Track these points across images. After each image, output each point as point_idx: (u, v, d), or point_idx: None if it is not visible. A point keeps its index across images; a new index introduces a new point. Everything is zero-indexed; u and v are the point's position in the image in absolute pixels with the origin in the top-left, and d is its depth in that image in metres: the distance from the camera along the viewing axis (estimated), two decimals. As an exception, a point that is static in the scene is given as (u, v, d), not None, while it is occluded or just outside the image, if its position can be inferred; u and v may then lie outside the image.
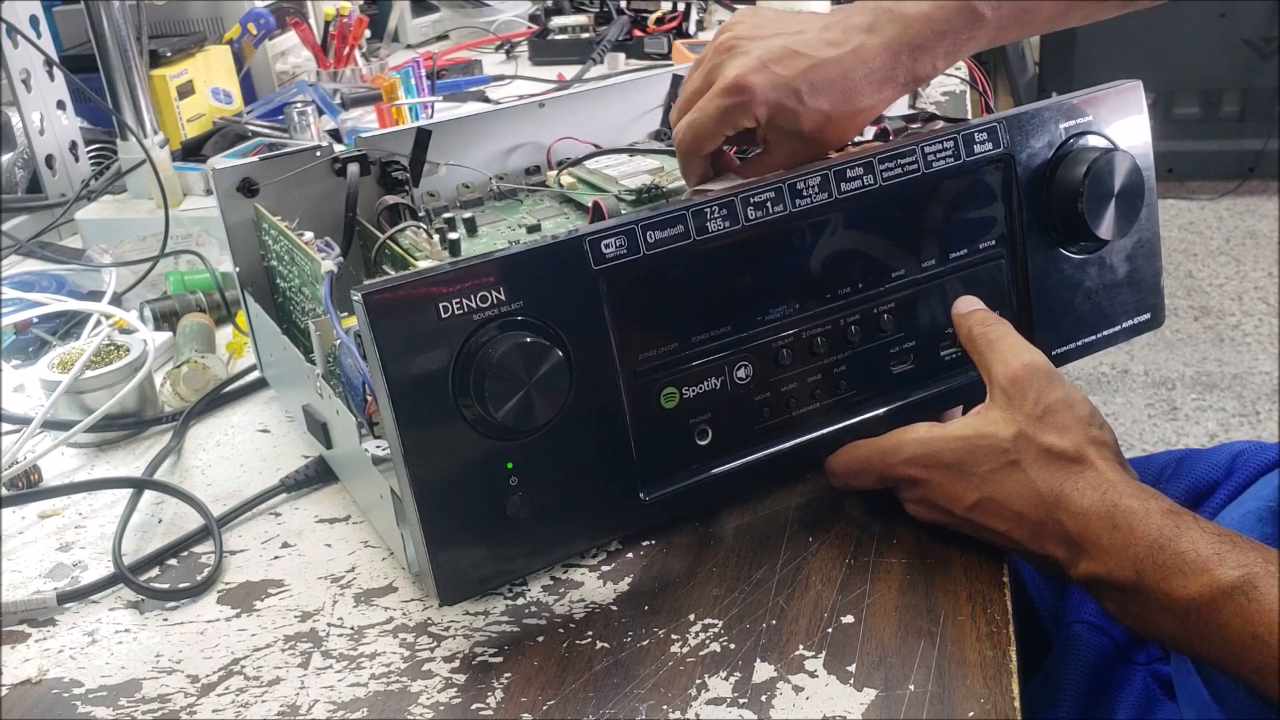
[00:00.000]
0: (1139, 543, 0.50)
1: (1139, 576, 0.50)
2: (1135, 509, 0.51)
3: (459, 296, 0.50)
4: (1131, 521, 0.51)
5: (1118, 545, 0.51)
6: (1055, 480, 0.53)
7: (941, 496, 0.56)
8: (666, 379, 0.56)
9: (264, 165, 0.71)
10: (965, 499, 0.55)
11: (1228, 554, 0.48)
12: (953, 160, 0.61)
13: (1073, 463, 0.53)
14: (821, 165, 0.58)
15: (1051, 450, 0.54)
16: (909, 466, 0.57)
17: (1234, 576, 0.47)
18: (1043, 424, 0.55)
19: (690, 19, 1.59)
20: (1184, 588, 0.48)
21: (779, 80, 0.57)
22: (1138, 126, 0.66)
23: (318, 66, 1.39)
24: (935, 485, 0.57)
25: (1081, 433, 0.55)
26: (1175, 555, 0.49)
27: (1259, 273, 2.76)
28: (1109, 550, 0.51)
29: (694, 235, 0.55)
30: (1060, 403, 0.55)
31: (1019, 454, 0.54)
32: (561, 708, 0.50)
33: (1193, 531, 0.50)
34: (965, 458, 0.55)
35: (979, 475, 0.55)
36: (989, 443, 0.55)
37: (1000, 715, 0.48)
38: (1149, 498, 0.52)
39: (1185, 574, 0.48)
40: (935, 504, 0.57)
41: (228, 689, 0.53)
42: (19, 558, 0.63)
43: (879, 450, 0.59)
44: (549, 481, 0.53)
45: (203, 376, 0.78)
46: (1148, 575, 0.50)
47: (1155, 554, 0.49)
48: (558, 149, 0.79)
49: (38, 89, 1.10)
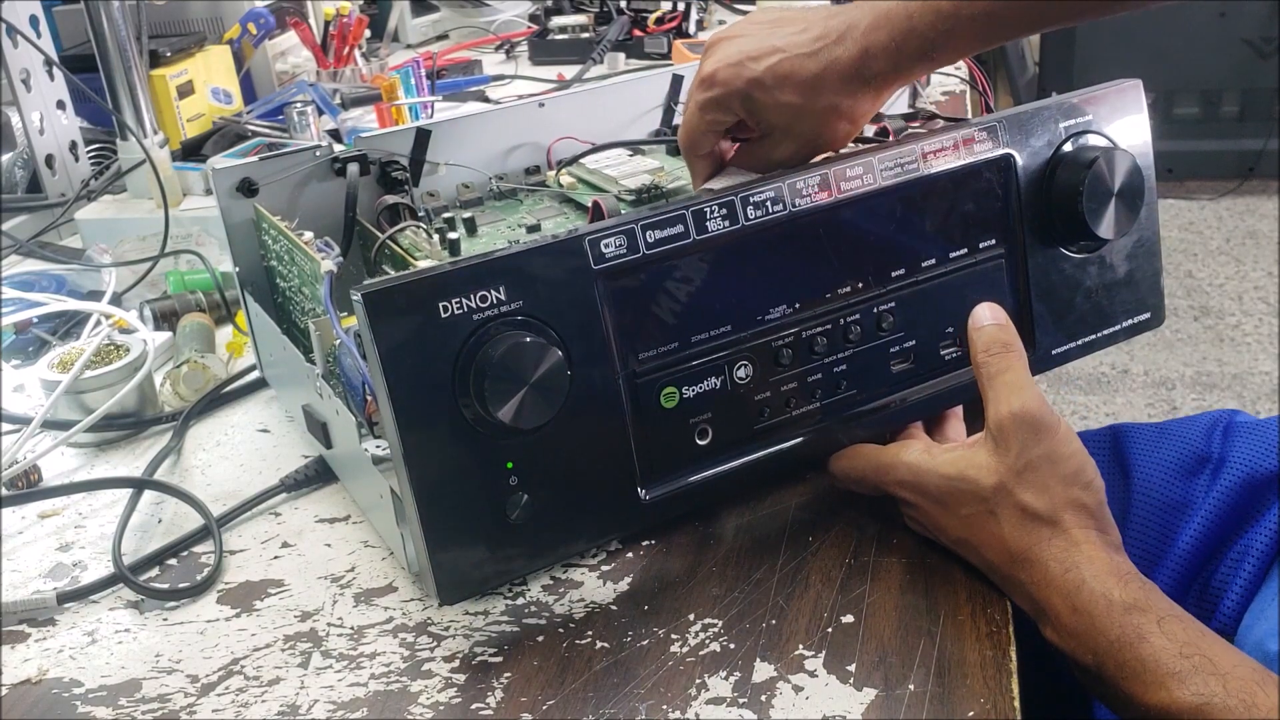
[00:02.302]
0: (1100, 636, 0.50)
1: (1099, 668, 0.50)
2: (1098, 598, 0.50)
3: (459, 296, 0.50)
4: (1093, 611, 0.50)
5: (1079, 631, 0.51)
6: (1025, 540, 0.53)
7: (929, 523, 0.57)
8: (666, 378, 0.56)
9: (264, 165, 0.71)
10: (949, 532, 0.56)
11: (1189, 676, 0.47)
12: (953, 160, 0.61)
13: (1045, 524, 0.53)
14: (821, 165, 0.58)
15: (1026, 509, 0.53)
16: (900, 488, 0.58)
17: (1192, 703, 0.47)
18: (1022, 479, 0.54)
19: (690, 19, 1.59)
20: (1143, 694, 0.48)
21: (749, 74, 0.57)
22: (1138, 126, 0.66)
23: (318, 66, 1.39)
24: (924, 511, 0.57)
25: (1061, 493, 0.54)
26: (1136, 660, 0.49)
27: (1259, 273, 2.76)
28: (1070, 631, 0.51)
29: (694, 235, 0.55)
30: (1043, 459, 0.54)
31: (996, 505, 0.54)
32: (561, 708, 0.50)
33: (1154, 638, 0.49)
34: (948, 496, 0.55)
35: (960, 516, 0.55)
36: (970, 487, 0.55)
37: (1000, 715, 0.48)
38: (1114, 584, 0.51)
39: (1144, 683, 0.48)
40: (925, 526, 0.58)
41: (228, 689, 0.53)
42: (19, 558, 0.63)
43: (875, 466, 0.59)
44: (549, 481, 0.53)
45: (202, 376, 0.78)
46: (1108, 669, 0.50)
47: (1116, 652, 0.49)
48: (557, 149, 0.79)
49: (38, 89, 1.10)
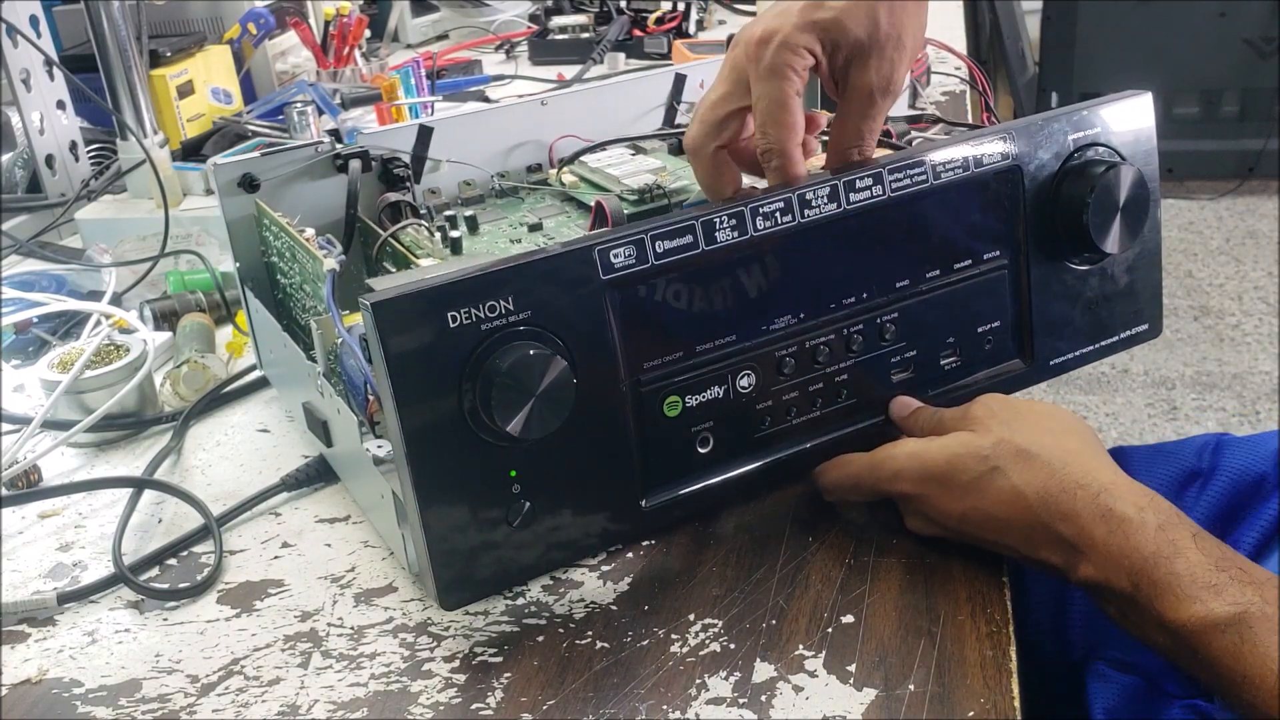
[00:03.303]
0: (1134, 554, 0.49)
1: (1135, 589, 0.49)
2: (1131, 517, 0.50)
3: (468, 306, 0.49)
4: (1126, 530, 0.50)
5: (1114, 552, 0.50)
6: (1038, 481, 0.53)
7: (933, 510, 0.56)
8: (670, 388, 0.56)
9: (265, 161, 0.71)
10: (953, 511, 0.55)
11: (1225, 587, 0.47)
12: (961, 171, 0.60)
13: (1054, 462, 0.53)
14: (831, 176, 0.58)
15: (1028, 452, 0.53)
16: (899, 481, 0.57)
17: (1228, 613, 0.47)
18: (1015, 430, 0.54)
19: (690, 19, 1.59)
20: (1175, 611, 0.48)
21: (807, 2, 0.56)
22: (1145, 139, 0.66)
23: (318, 66, 1.39)
24: (927, 499, 0.56)
25: (1056, 436, 0.54)
26: (1169, 575, 0.48)
27: (1259, 273, 2.76)
28: (1105, 555, 0.50)
29: (703, 245, 0.55)
30: (1026, 413, 0.56)
31: (999, 459, 0.54)
32: (561, 708, 0.50)
33: (1189, 553, 0.49)
34: (949, 469, 0.55)
35: (961, 485, 0.55)
36: (969, 450, 0.55)
37: (1000, 715, 0.48)
38: (1144, 506, 0.51)
39: (1178, 597, 0.48)
40: (930, 517, 0.57)
41: (228, 689, 0.52)
42: (19, 558, 0.63)
43: (870, 465, 0.58)
44: (551, 489, 0.53)
45: (202, 376, 0.78)
46: (1143, 589, 0.49)
47: (1151, 570, 0.49)
48: (559, 147, 0.79)
49: (38, 89, 1.10)
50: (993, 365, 0.65)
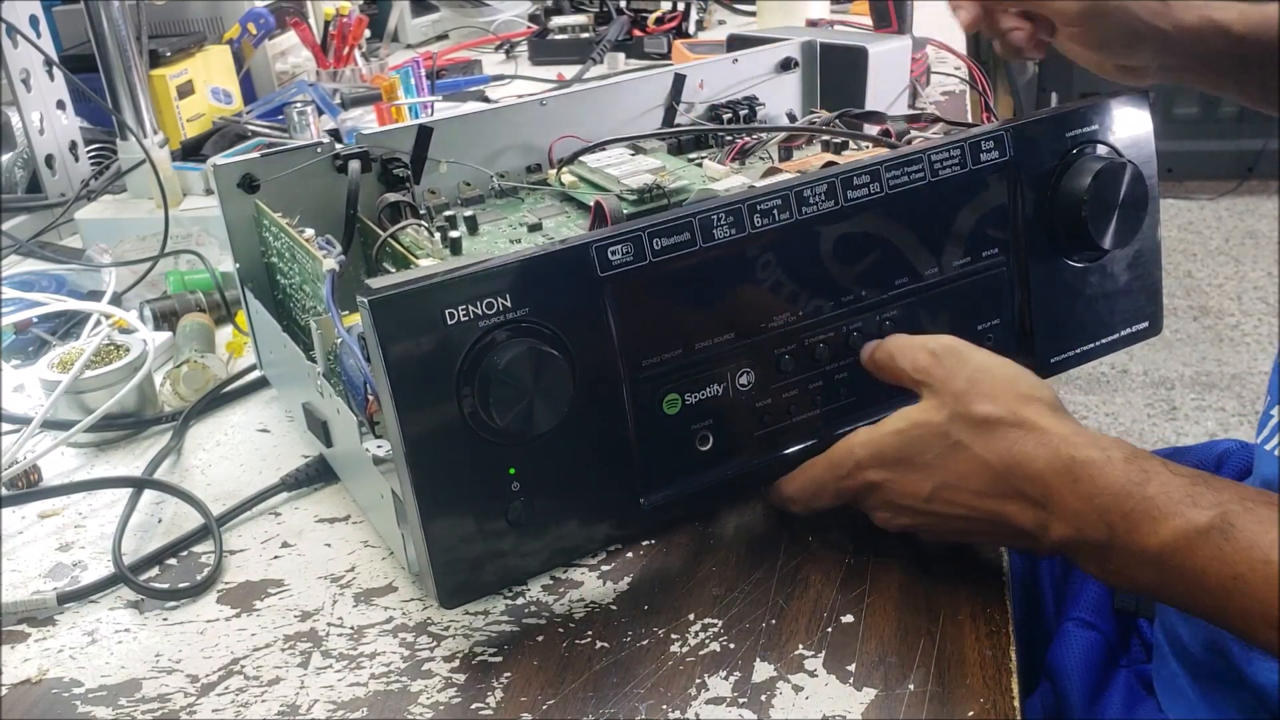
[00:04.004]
0: (1104, 493, 0.48)
1: (1110, 530, 0.48)
2: (1095, 459, 0.49)
3: (465, 303, 0.49)
4: (1092, 473, 0.49)
5: (1083, 499, 0.49)
6: (1000, 447, 0.51)
7: (899, 494, 0.55)
8: (669, 385, 0.56)
9: (265, 161, 0.71)
10: (922, 490, 0.54)
11: (1201, 494, 0.47)
12: (959, 169, 0.60)
13: (1013, 427, 0.52)
14: (828, 173, 0.58)
15: (987, 419, 0.52)
16: (861, 471, 0.55)
17: (1208, 517, 0.46)
18: (969, 397, 0.53)
19: (690, 19, 1.59)
20: (1155, 534, 0.47)
21: None
22: (1143, 137, 0.66)
23: (317, 66, 1.39)
24: (891, 484, 0.55)
25: (1012, 394, 0.53)
26: (1144, 500, 0.47)
27: (1258, 273, 2.77)
28: (1075, 507, 0.49)
29: (700, 242, 0.55)
30: (979, 371, 0.54)
31: (957, 432, 0.53)
32: (561, 707, 0.50)
33: (1161, 475, 0.48)
34: (908, 449, 0.54)
35: (925, 464, 0.53)
36: (925, 429, 0.53)
37: (1000, 715, 0.48)
38: (1107, 446, 0.50)
39: (1156, 519, 0.47)
40: (897, 504, 0.55)
41: (227, 689, 0.52)
42: (19, 558, 0.63)
43: (828, 464, 0.57)
44: (550, 486, 0.53)
45: (202, 376, 0.78)
46: (1118, 526, 0.48)
47: (1122, 502, 0.48)
48: (559, 147, 0.79)
49: (38, 89, 1.10)
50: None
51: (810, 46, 0.92)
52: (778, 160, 0.73)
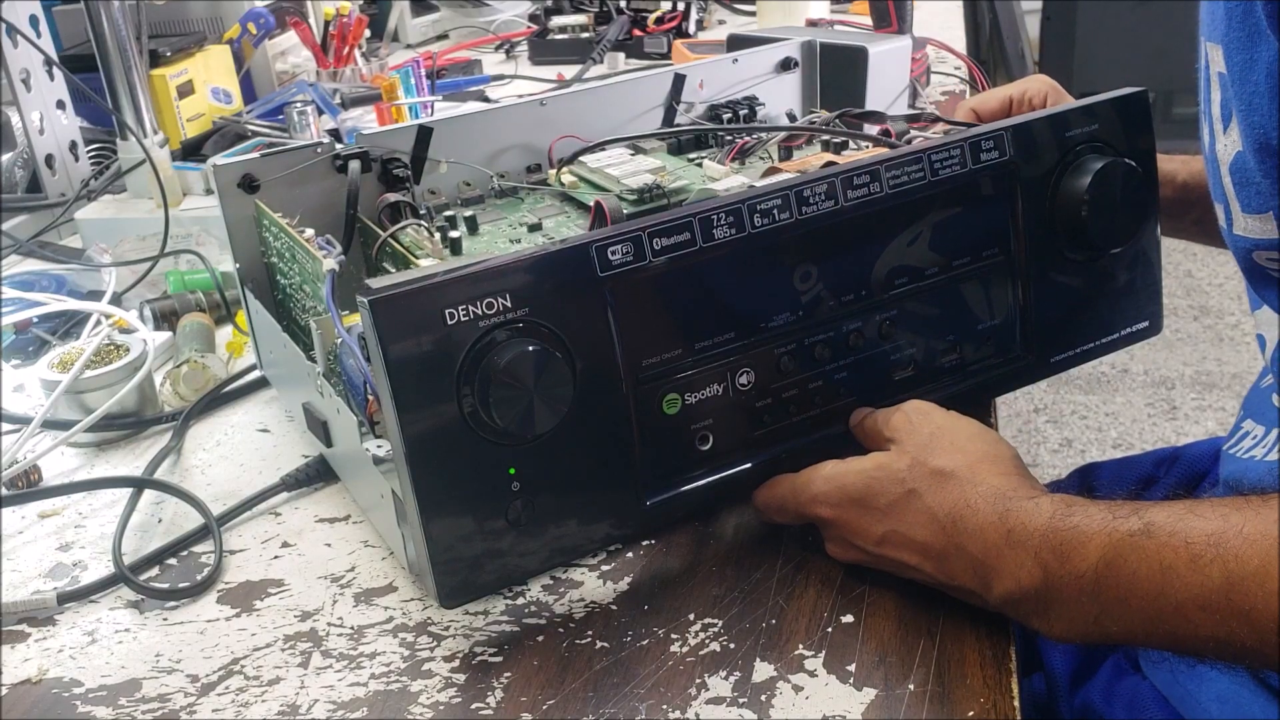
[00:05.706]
0: (1033, 535, 0.49)
1: (1044, 569, 0.48)
2: (1026, 507, 0.50)
3: (465, 303, 0.49)
4: (1023, 519, 0.50)
5: (1016, 547, 0.50)
6: (949, 501, 0.52)
7: (851, 533, 0.55)
8: (669, 385, 0.56)
9: (265, 161, 0.71)
10: (872, 533, 0.54)
11: (1119, 508, 0.48)
12: (958, 168, 0.60)
13: (966, 482, 0.53)
14: (828, 173, 0.58)
15: (942, 471, 0.53)
16: (817, 505, 0.56)
17: (1129, 524, 0.47)
18: (931, 448, 0.54)
19: (690, 19, 1.59)
20: (1085, 558, 0.47)
21: None
22: (1143, 135, 0.66)
23: (317, 66, 1.39)
24: (844, 523, 0.55)
25: (972, 450, 0.54)
26: (1070, 530, 0.48)
27: (1259, 273, 2.76)
28: (1010, 557, 0.50)
29: (700, 242, 0.55)
30: (943, 427, 0.56)
31: (915, 481, 0.53)
32: (561, 707, 0.50)
33: (1083, 505, 0.49)
34: (866, 491, 0.55)
35: (880, 508, 0.54)
36: (886, 474, 0.54)
37: (1000, 715, 0.48)
38: (1038, 495, 0.51)
39: (1083, 542, 0.48)
40: (849, 541, 0.56)
41: (228, 689, 0.52)
42: (19, 557, 0.63)
43: (792, 487, 0.57)
44: (551, 486, 0.53)
45: (202, 376, 0.78)
46: (1050, 563, 0.48)
47: (1050, 538, 0.48)
48: (559, 147, 0.79)
49: (38, 89, 1.10)
50: (994, 362, 0.65)
51: (810, 46, 0.92)
52: (778, 160, 0.73)
